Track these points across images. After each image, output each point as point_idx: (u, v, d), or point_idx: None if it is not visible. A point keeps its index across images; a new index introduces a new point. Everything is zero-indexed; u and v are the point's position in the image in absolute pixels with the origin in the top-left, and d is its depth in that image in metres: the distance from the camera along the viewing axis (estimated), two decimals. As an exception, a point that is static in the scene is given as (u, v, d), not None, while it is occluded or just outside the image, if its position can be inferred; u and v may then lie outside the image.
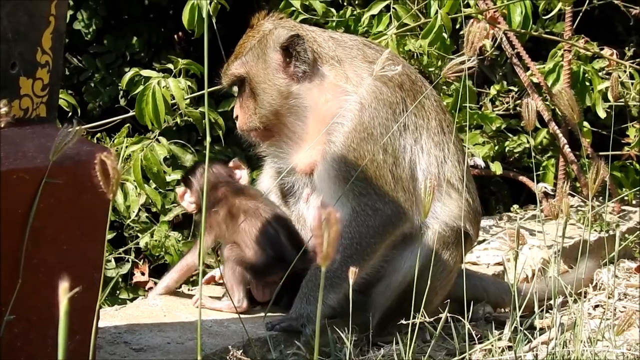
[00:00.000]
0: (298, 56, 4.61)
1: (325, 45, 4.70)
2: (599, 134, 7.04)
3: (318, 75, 4.64)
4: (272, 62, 4.65)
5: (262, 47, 4.67)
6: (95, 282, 3.34)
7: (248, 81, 4.72)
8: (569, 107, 4.17)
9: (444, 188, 4.67)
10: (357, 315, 4.39)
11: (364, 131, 4.52)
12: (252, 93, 4.71)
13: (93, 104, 7.80)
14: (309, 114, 4.65)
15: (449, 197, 4.69)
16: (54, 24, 3.46)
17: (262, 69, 4.67)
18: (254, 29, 4.76)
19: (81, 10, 7.87)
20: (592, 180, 3.96)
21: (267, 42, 4.67)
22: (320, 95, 4.63)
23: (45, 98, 3.48)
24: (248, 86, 4.73)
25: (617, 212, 6.90)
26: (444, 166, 4.70)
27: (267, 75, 4.66)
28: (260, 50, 4.68)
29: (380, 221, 4.51)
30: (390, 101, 4.60)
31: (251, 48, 4.71)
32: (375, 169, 4.51)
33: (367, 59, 4.69)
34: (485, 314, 5.15)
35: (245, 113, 4.76)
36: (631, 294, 5.71)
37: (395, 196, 4.52)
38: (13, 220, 3.19)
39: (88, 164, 2.74)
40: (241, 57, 4.73)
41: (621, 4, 6.67)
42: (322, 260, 1.85)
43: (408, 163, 4.61)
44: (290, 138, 4.71)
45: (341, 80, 4.63)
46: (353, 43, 4.82)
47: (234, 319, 4.52)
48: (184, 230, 6.63)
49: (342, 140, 4.54)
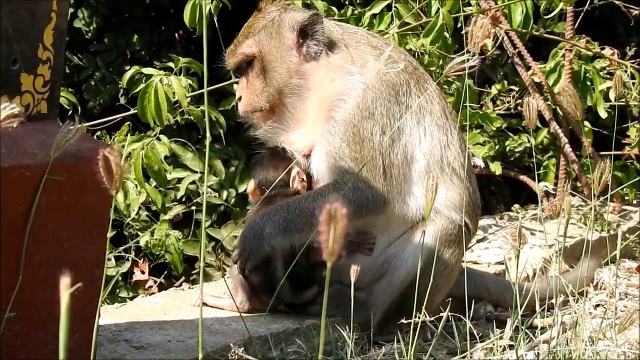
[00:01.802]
0: (314, 36, 4.68)
1: (332, 29, 4.77)
2: (600, 133, 7.04)
3: (326, 57, 4.70)
4: (287, 41, 4.71)
5: (276, 26, 4.73)
6: (96, 279, 3.34)
7: (258, 60, 4.75)
8: (572, 104, 4.16)
9: (448, 172, 4.68)
10: (358, 314, 4.39)
11: (366, 110, 4.56)
12: (261, 72, 4.74)
13: (93, 102, 7.80)
14: (312, 94, 4.69)
15: (451, 183, 4.70)
16: (56, 20, 3.45)
17: (275, 47, 4.71)
18: (262, 12, 4.82)
19: (82, 9, 7.87)
20: (597, 181, 3.95)
21: (281, 21, 4.72)
22: (326, 75, 4.68)
23: (46, 94, 3.47)
24: (257, 65, 4.76)
25: (618, 212, 6.90)
26: (447, 150, 4.71)
27: (279, 54, 4.71)
28: (274, 30, 4.73)
29: (357, 199, 4.51)
30: (393, 82, 4.63)
31: (263, 28, 4.75)
32: (370, 149, 4.52)
33: (370, 44, 4.78)
34: (486, 313, 5.15)
35: (251, 93, 4.78)
36: (632, 293, 5.70)
37: (380, 183, 4.53)
38: (14, 217, 3.18)
39: (90, 161, 2.73)
40: (252, 37, 4.77)
41: (622, 4, 6.66)
42: (328, 256, 1.84)
43: (404, 146, 4.62)
44: (291, 119, 4.73)
45: (347, 62, 4.69)
46: (357, 30, 4.95)
47: (235, 317, 4.51)
48: (184, 229, 6.63)
49: (343, 117, 4.57)
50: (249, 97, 4.79)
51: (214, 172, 6.70)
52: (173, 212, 6.50)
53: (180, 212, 6.54)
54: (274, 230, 4.48)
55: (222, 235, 6.46)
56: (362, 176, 4.51)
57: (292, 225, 4.49)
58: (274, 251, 4.51)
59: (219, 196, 6.69)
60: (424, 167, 4.62)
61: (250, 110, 4.79)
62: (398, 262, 4.64)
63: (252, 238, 4.50)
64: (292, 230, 4.49)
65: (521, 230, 4.04)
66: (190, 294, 4.97)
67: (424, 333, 4.60)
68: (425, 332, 4.59)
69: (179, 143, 6.54)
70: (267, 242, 4.48)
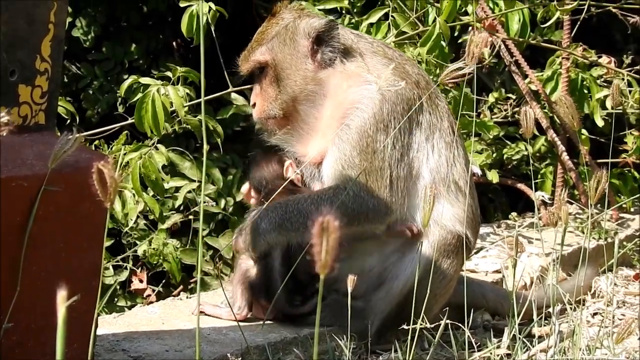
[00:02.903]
0: (330, 43, 4.68)
1: (347, 37, 4.77)
2: (597, 141, 7.05)
3: (341, 64, 4.69)
4: (301, 48, 4.70)
5: (291, 33, 4.72)
6: (94, 289, 3.34)
7: (272, 67, 4.74)
8: (569, 114, 4.17)
9: (453, 190, 4.69)
10: (356, 323, 4.39)
11: (381, 122, 4.55)
12: (275, 80, 4.74)
13: (91, 111, 7.80)
14: (326, 101, 4.68)
15: (456, 200, 4.71)
16: (53, 31, 3.46)
17: (289, 54, 4.71)
18: (275, 17, 4.81)
19: (80, 18, 7.87)
20: (593, 189, 3.95)
21: (296, 28, 4.71)
22: (342, 82, 4.68)
23: (44, 105, 3.48)
24: (271, 73, 4.75)
25: (615, 220, 6.90)
26: (453, 168, 4.72)
27: (293, 61, 4.70)
28: (288, 37, 4.72)
29: (357, 207, 4.52)
30: (407, 97, 4.63)
31: (276, 35, 4.75)
32: (380, 160, 4.53)
33: (386, 55, 4.78)
34: (484, 322, 5.15)
35: (265, 100, 4.77)
36: (630, 301, 5.70)
37: (385, 194, 4.53)
38: (12, 227, 3.19)
39: (87, 172, 2.73)
40: (266, 44, 4.76)
41: (619, 12, 6.67)
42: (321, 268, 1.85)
43: (411, 161, 4.63)
44: (304, 126, 4.73)
45: (363, 71, 4.69)
46: (372, 40, 4.94)
47: (233, 327, 4.51)
48: (182, 238, 6.62)
49: (358, 125, 4.57)
50: (262, 104, 4.79)
51: (212, 180, 6.70)
52: (171, 221, 6.49)
53: (178, 220, 6.53)
54: (269, 226, 4.51)
55: (220, 244, 6.46)
56: (365, 185, 4.51)
57: (287, 224, 4.51)
58: (270, 247, 4.53)
59: (217, 205, 6.68)
60: (429, 183, 4.63)
61: (264, 117, 4.78)
62: (396, 271, 4.64)
63: (249, 232, 4.54)
64: (288, 229, 4.51)
65: (518, 239, 4.05)
66: (189, 304, 4.97)
67: (422, 342, 4.60)
68: (422, 341, 4.59)
69: (177, 152, 6.54)
70: (263, 237, 4.51)
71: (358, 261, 4.66)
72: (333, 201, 4.50)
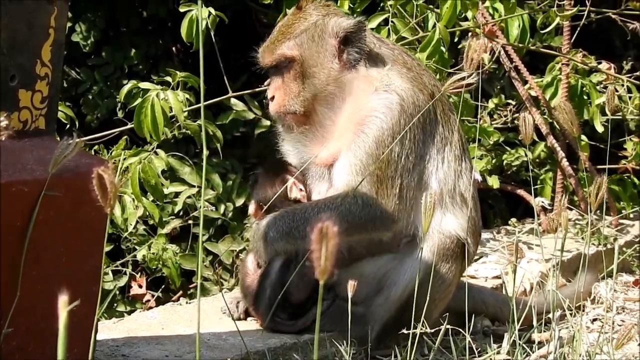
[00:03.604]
0: (357, 44, 4.64)
1: (371, 41, 4.74)
2: (597, 147, 7.05)
3: (364, 68, 4.67)
4: (329, 47, 4.66)
5: (320, 31, 4.68)
6: (94, 294, 3.33)
7: (299, 63, 4.69)
8: (569, 121, 4.17)
9: (458, 201, 4.69)
10: (356, 328, 4.39)
11: (398, 133, 4.54)
12: (300, 75, 4.69)
13: (91, 116, 7.81)
14: (345, 104, 4.66)
15: (460, 211, 4.71)
16: (54, 36, 3.46)
17: (316, 52, 4.67)
18: (302, 12, 4.76)
19: (80, 23, 7.89)
20: (593, 195, 3.95)
21: (325, 26, 4.68)
22: (363, 86, 4.65)
23: (44, 110, 3.48)
24: (297, 68, 4.69)
25: (615, 226, 6.90)
26: (460, 180, 4.73)
27: (320, 59, 4.67)
28: (317, 34, 4.68)
29: (365, 215, 4.52)
30: (423, 109, 4.61)
31: (305, 30, 4.70)
32: (393, 170, 4.52)
33: (406, 64, 4.76)
34: (484, 327, 5.15)
35: (286, 95, 4.72)
36: (629, 307, 5.70)
37: (394, 203, 4.53)
38: (12, 232, 3.19)
39: (87, 177, 2.73)
40: (293, 39, 4.70)
41: (619, 18, 6.68)
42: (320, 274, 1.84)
43: (422, 171, 4.63)
44: (319, 127, 4.71)
45: (384, 78, 4.66)
46: (394, 46, 4.92)
47: (233, 332, 4.51)
48: (182, 243, 6.62)
49: (376, 135, 4.55)
50: (282, 99, 4.73)
51: (212, 186, 6.70)
52: (170, 226, 6.50)
53: (177, 226, 6.54)
54: (277, 235, 4.52)
55: (220, 249, 6.46)
56: (375, 194, 4.51)
57: (295, 232, 4.51)
58: (279, 254, 4.54)
59: (217, 210, 6.69)
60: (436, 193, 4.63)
61: (284, 112, 4.73)
62: (396, 277, 4.64)
63: (258, 239, 4.56)
64: (295, 237, 4.51)
65: (518, 245, 4.05)
66: (188, 309, 4.97)
67: (421, 348, 4.59)
68: (422, 347, 4.59)
69: (177, 157, 6.54)
70: (271, 245, 4.52)
71: (357, 267, 4.66)
72: (341, 210, 4.50)
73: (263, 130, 7.07)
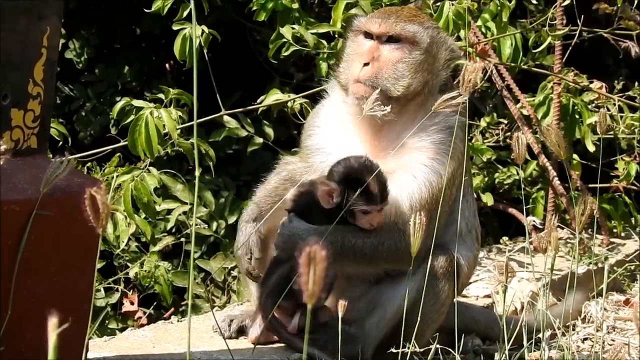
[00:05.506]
0: (452, 74, 4.61)
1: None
2: (589, 166, 7.06)
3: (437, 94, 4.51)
4: (441, 59, 4.63)
5: (442, 40, 4.65)
6: (85, 313, 3.33)
7: (419, 51, 4.57)
8: (556, 144, 4.18)
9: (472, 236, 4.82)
10: (349, 348, 4.38)
11: (452, 174, 4.54)
12: (412, 63, 4.56)
13: (84, 133, 7.81)
14: (416, 119, 4.50)
15: (472, 244, 4.83)
16: (46, 55, 3.47)
17: (433, 56, 4.61)
18: (420, 11, 4.78)
19: (73, 40, 7.90)
20: (579, 215, 3.97)
21: (444, 40, 4.66)
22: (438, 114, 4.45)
23: (36, 129, 3.49)
24: (415, 54, 4.57)
25: (605, 245, 6.92)
26: (475, 219, 4.87)
27: (431, 60, 4.60)
28: (439, 40, 4.63)
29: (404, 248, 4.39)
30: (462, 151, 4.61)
31: (433, 27, 4.67)
32: (439, 208, 4.30)
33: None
34: (474, 346, 5.15)
35: (385, 70, 4.53)
36: (620, 326, 5.71)
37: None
38: (3, 251, 3.19)
39: (78, 196, 2.74)
40: (425, 29, 4.60)
41: (611, 37, 6.70)
42: (308, 298, 1.85)
43: (452, 211, 4.68)
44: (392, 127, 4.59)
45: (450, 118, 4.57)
46: None
47: (224, 351, 4.50)
48: (174, 260, 6.63)
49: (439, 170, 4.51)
50: (382, 72, 4.52)
51: (204, 203, 6.70)
52: (163, 243, 6.49)
53: (169, 243, 6.53)
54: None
55: (212, 266, 6.46)
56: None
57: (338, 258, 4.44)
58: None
59: (209, 227, 6.69)
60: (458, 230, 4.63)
61: (374, 85, 4.47)
62: (390, 296, 4.62)
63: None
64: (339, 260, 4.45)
65: (508, 265, 4.06)
66: (179, 327, 4.97)
67: (412, 367, 4.60)
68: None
69: (169, 174, 6.54)
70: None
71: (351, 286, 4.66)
72: (389, 245, 4.49)
73: (256, 147, 7.08)
